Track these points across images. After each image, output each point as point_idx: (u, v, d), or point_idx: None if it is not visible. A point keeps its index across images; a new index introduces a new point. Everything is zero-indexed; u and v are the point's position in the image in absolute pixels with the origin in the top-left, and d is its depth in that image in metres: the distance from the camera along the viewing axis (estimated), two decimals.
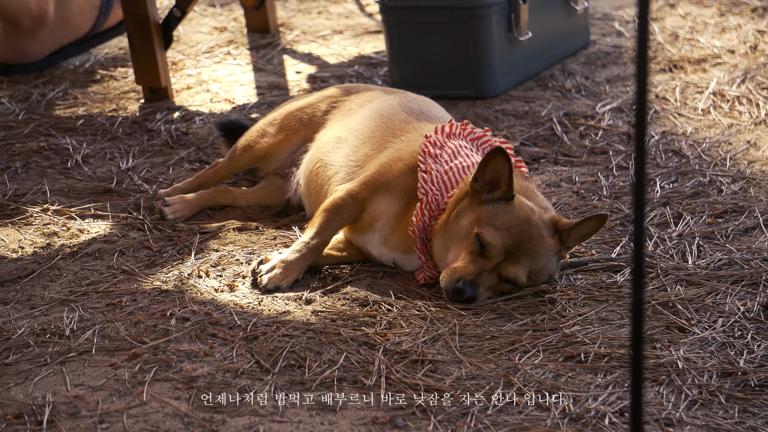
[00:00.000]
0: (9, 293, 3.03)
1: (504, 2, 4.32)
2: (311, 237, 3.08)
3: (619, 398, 2.52)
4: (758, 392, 2.54)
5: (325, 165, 3.33)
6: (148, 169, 3.82)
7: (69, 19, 4.75)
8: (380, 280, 3.08)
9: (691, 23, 5.11)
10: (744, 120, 4.05)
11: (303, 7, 5.63)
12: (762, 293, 2.93)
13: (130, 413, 2.48)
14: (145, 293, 3.01)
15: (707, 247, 3.17)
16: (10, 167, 3.82)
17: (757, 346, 2.71)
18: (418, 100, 3.45)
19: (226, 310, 2.90)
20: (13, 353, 2.72)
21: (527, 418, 2.46)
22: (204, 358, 2.69)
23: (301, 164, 3.46)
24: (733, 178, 3.60)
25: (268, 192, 3.58)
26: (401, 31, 4.39)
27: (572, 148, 3.92)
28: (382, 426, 2.44)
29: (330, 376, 2.61)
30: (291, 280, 3.03)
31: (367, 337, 2.76)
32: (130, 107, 4.37)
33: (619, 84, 4.48)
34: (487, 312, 2.89)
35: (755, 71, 4.43)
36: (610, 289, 2.99)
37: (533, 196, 3.04)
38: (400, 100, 3.43)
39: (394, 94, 3.49)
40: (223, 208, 3.56)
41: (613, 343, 2.73)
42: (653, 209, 3.40)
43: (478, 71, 4.32)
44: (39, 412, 2.49)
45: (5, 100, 4.44)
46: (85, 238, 3.33)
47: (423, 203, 3.03)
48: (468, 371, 2.63)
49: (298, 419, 2.46)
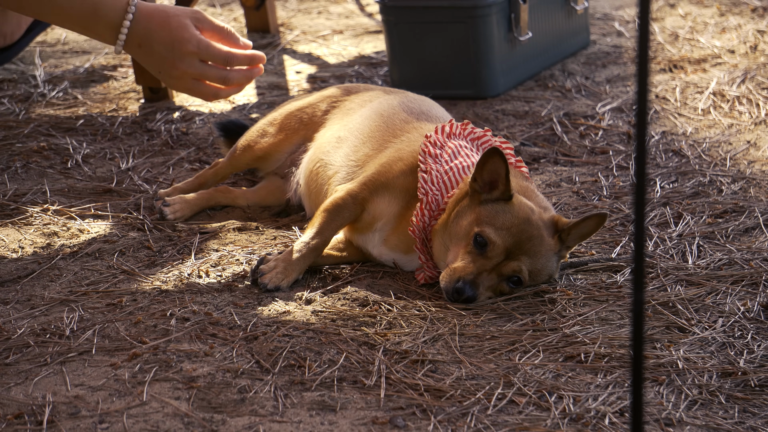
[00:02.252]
0: (9, 293, 3.03)
1: (504, 2, 4.33)
2: (311, 237, 3.08)
3: (619, 398, 2.52)
4: (758, 392, 2.54)
5: (325, 165, 3.33)
6: (148, 169, 3.82)
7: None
8: (380, 280, 3.08)
9: (691, 23, 5.11)
10: (744, 120, 4.05)
11: (303, 7, 5.63)
12: (762, 293, 2.93)
13: (130, 413, 2.48)
14: (145, 293, 3.01)
15: (707, 247, 3.17)
16: (10, 167, 3.82)
17: (757, 346, 2.71)
18: (418, 100, 3.45)
19: (226, 310, 2.91)
20: (13, 353, 2.72)
21: (527, 418, 2.46)
22: (204, 358, 2.69)
23: (301, 164, 3.46)
24: (733, 178, 3.60)
25: (268, 192, 3.58)
26: (401, 31, 4.40)
27: (572, 148, 3.92)
28: (382, 426, 2.44)
29: (330, 376, 2.61)
30: (291, 280, 3.03)
31: (367, 337, 2.76)
32: (130, 107, 4.37)
33: (619, 84, 4.48)
34: (487, 312, 2.89)
35: (755, 71, 4.43)
36: (610, 289, 2.99)
37: (533, 196, 3.04)
38: (400, 99, 3.43)
39: (394, 94, 3.49)
40: (223, 208, 3.56)
41: (613, 343, 2.73)
42: (653, 209, 3.40)
43: (478, 71, 4.32)
44: (39, 412, 2.49)
45: (5, 100, 4.44)
46: (85, 238, 3.33)
47: (423, 203, 3.03)
48: (468, 371, 2.63)
49: (298, 419, 2.46)
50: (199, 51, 3.14)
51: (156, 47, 3.13)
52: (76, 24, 3.16)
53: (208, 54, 3.15)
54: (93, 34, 3.17)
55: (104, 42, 3.18)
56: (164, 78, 3.20)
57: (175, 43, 3.12)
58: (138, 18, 3.12)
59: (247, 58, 3.19)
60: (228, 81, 3.19)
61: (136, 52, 3.16)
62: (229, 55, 3.17)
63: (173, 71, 3.16)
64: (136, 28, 3.12)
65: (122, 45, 3.13)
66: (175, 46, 3.13)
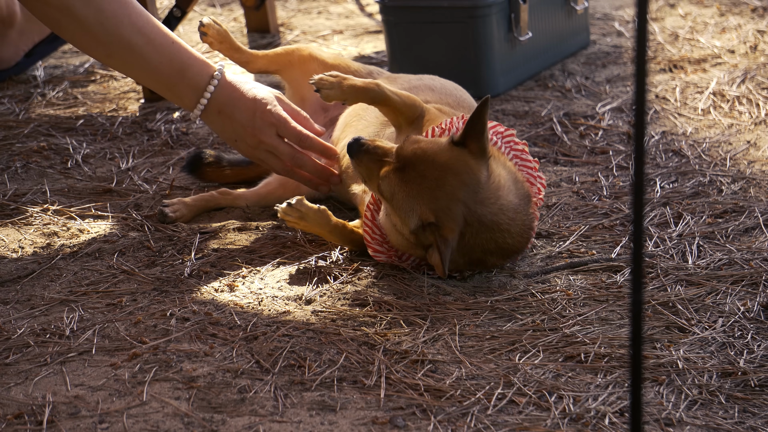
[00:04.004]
0: (9, 293, 3.03)
1: (504, 2, 4.32)
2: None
3: (619, 398, 2.52)
4: (758, 392, 2.54)
5: (360, 119, 3.37)
6: (148, 169, 3.82)
7: None
8: (380, 281, 3.08)
9: (691, 23, 5.11)
10: (744, 120, 4.05)
11: (303, 7, 5.63)
12: (762, 293, 2.93)
13: (130, 413, 2.49)
14: (145, 293, 3.01)
15: (707, 247, 3.17)
16: (10, 167, 3.82)
17: (757, 346, 2.71)
18: (460, 89, 3.49)
19: (226, 310, 2.91)
20: (13, 353, 2.72)
21: (527, 418, 2.46)
22: (204, 358, 2.69)
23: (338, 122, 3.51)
24: (733, 178, 3.60)
25: (268, 192, 3.58)
26: (401, 31, 4.40)
27: (572, 148, 3.92)
28: (382, 426, 2.44)
29: (330, 376, 2.61)
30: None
31: (367, 337, 2.77)
32: (130, 107, 4.37)
33: (619, 84, 4.48)
34: (487, 312, 2.89)
35: (755, 71, 4.43)
36: (610, 289, 2.99)
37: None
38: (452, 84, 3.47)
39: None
40: (222, 208, 3.56)
41: (613, 343, 2.73)
42: (653, 209, 3.40)
43: (478, 71, 4.32)
44: (39, 412, 2.49)
45: (5, 100, 4.44)
46: (85, 238, 3.33)
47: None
48: (468, 371, 2.63)
49: (298, 419, 2.46)
50: (278, 124, 3.23)
51: (237, 115, 3.23)
52: (161, 83, 3.24)
53: (285, 129, 3.25)
54: (173, 95, 3.26)
55: (183, 105, 3.27)
56: (239, 145, 3.29)
57: (258, 112, 3.22)
58: (222, 86, 3.23)
59: (320, 144, 3.28)
60: (297, 161, 3.28)
61: (213, 119, 3.25)
62: (303, 134, 3.25)
63: (250, 139, 3.25)
64: (219, 96, 3.23)
65: (202, 109, 3.24)
66: (257, 115, 3.22)
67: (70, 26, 3.14)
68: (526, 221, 2.99)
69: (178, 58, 3.21)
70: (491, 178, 2.90)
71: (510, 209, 2.93)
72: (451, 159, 2.87)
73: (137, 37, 3.16)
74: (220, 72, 3.24)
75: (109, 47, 3.16)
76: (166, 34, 3.21)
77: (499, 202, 2.91)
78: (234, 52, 3.61)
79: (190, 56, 3.23)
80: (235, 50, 3.63)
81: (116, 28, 3.14)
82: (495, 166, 2.94)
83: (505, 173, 2.97)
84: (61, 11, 3.10)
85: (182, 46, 3.23)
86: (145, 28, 3.17)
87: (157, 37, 3.18)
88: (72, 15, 3.10)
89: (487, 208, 2.89)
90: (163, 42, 3.19)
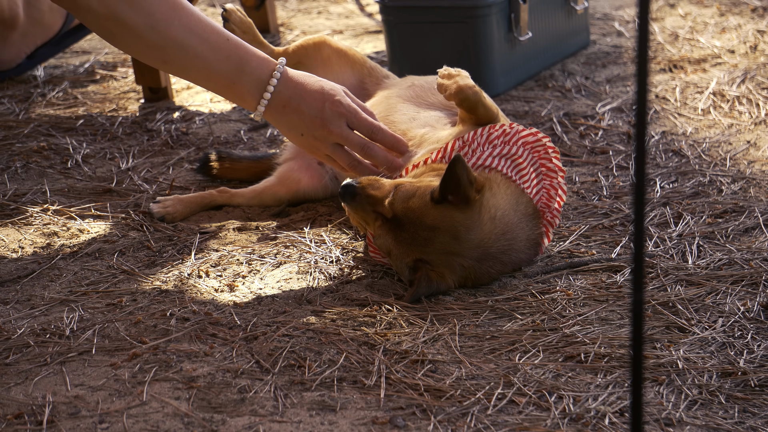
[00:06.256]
0: (9, 293, 3.03)
1: (504, 2, 4.33)
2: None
3: (619, 398, 2.52)
4: (758, 392, 2.54)
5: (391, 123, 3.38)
6: (148, 169, 3.82)
7: (40, 18, 4.65)
8: (380, 280, 3.08)
9: (691, 23, 5.11)
10: (744, 120, 4.05)
11: (303, 7, 5.64)
12: (762, 293, 2.93)
13: (130, 413, 2.49)
14: (145, 293, 3.01)
15: (707, 247, 3.17)
16: (10, 167, 3.82)
17: (757, 346, 2.71)
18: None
19: (226, 310, 2.91)
20: (13, 353, 2.72)
21: (527, 418, 2.46)
22: (204, 358, 2.69)
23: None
24: (733, 178, 3.60)
25: (264, 189, 3.57)
26: (401, 31, 4.40)
27: (572, 148, 3.92)
28: (382, 426, 2.44)
29: (330, 376, 2.61)
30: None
31: (367, 337, 2.77)
32: (130, 107, 4.37)
33: (619, 84, 4.48)
34: (487, 312, 2.89)
35: (755, 71, 4.44)
36: (610, 289, 2.99)
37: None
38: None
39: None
40: (221, 207, 3.56)
41: (613, 343, 2.73)
42: (653, 209, 3.40)
43: (478, 71, 4.32)
44: (39, 412, 2.49)
45: (5, 100, 4.44)
46: (85, 238, 3.34)
47: None
48: (468, 371, 2.63)
49: (298, 419, 2.46)
50: (348, 114, 3.12)
51: (305, 107, 3.10)
52: (221, 83, 3.11)
53: (356, 120, 3.13)
54: (234, 95, 3.13)
55: (244, 104, 3.14)
56: (305, 140, 3.15)
57: (327, 103, 3.10)
58: (285, 79, 3.11)
59: (391, 136, 3.18)
60: (368, 151, 3.15)
61: (278, 115, 3.12)
62: (375, 126, 3.15)
63: (318, 131, 3.12)
64: (284, 89, 3.10)
65: (266, 104, 3.11)
66: (326, 105, 3.10)
67: (123, 35, 3.02)
68: (531, 236, 3.03)
69: (236, 54, 3.08)
70: (482, 215, 2.93)
71: (509, 232, 2.99)
72: (437, 219, 2.91)
73: (191, 37, 3.04)
74: (282, 65, 3.11)
75: (164, 51, 3.05)
76: (220, 32, 3.08)
77: (495, 232, 2.95)
78: (258, 46, 3.54)
79: (248, 51, 3.10)
80: (259, 43, 3.58)
81: (168, 30, 3.02)
82: (488, 197, 2.95)
83: (504, 199, 2.99)
84: (112, 21, 2.98)
85: (239, 43, 3.10)
86: (198, 27, 3.05)
87: (211, 35, 3.06)
88: (122, 23, 2.99)
89: (483, 248, 2.95)
90: (217, 40, 3.07)
